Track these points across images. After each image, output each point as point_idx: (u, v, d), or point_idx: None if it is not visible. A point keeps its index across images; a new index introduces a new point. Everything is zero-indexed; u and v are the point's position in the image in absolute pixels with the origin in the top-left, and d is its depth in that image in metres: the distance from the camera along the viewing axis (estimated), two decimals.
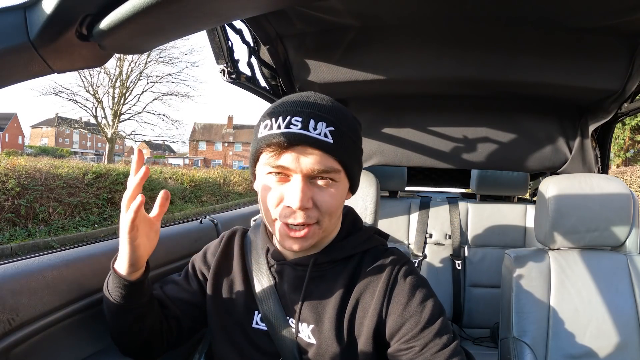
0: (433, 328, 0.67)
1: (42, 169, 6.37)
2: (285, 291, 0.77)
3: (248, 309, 0.79)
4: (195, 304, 0.85)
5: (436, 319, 0.68)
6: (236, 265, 0.84)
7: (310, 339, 0.73)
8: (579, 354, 1.15)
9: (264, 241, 0.82)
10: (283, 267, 0.77)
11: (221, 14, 0.39)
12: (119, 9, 0.38)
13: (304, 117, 0.64)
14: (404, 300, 0.70)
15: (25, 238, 5.68)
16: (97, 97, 17.65)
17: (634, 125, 12.25)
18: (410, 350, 0.67)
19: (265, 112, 0.70)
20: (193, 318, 0.86)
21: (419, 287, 0.71)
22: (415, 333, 0.67)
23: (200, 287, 0.86)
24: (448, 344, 0.67)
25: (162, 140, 22.49)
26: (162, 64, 18.79)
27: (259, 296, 0.78)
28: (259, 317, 0.78)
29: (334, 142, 0.65)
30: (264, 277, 0.79)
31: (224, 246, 0.87)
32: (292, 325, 0.75)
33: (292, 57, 1.39)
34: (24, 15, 0.40)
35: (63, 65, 0.43)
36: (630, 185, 7.63)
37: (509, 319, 1.20)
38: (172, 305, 0.84)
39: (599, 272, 1.21)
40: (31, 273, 0.75)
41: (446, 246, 2.12)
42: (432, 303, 0.70)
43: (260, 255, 0.81)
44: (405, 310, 0.69)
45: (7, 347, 0.66)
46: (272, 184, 0.68)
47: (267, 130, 0.66)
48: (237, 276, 0.83)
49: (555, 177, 1.27)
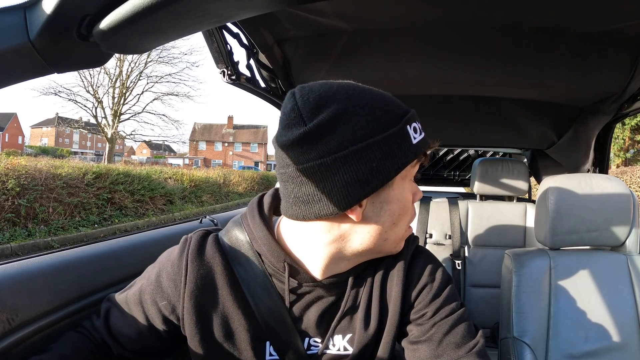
0: (443, 296, 0.70)
1: (42, 169, 6.36)
2: (308, 311, 0.68)
3: (257, 342, 0.67)
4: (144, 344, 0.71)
5: (445, 287, 0.71)
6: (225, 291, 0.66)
7: (347, 350, 0.69)
8: (579, 354, 1.15)
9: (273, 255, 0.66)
10: (313, 288, 0.67)
11: (221, 14, 0.39)
12: (118, 9, 0.38)
13: (417, 120, 0.61)
14: (418, 273, 0.72)
15: (25, 238, 5.68)
16: (97, 97, 17.65)
17: (634, 125, 12.25)
18: (423, 317, 0.69)
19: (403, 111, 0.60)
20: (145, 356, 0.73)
21: (428, 260, 0.74)
22: (427, 301, 0.69)
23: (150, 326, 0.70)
24: (457, 309, 0.69)
25: (162, 140, 22.49)
26: (162, 64, 18.84)
27: (270, 324, 0.66)
28: (271, 348, 0.68)
29: None
30: (274, 301, 0.66)
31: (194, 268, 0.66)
32: (314, 344, 0.69)
33: (290, 60, 1.38)
34: (24, 15, 0.40)
35: (63, 65, 0.43)
36: (630, 185, 7.63)
37: (509, 319, 1.20)
38: (116, 345, 0.71)
39: (599, 272, 1.21)
40: (31, 273, 0.75)
41: (446, 246, 2.12)
42: (441, 273, 0.73)
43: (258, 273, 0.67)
44: (419, 283, 0.71)
45: (7, 347, 0.66)
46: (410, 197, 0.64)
47: (419, 135, 0.59)
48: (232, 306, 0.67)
49: (555, 177, 1.27)
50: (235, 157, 45.04)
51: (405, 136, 0.57)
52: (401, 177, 0.60)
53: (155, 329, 0.70)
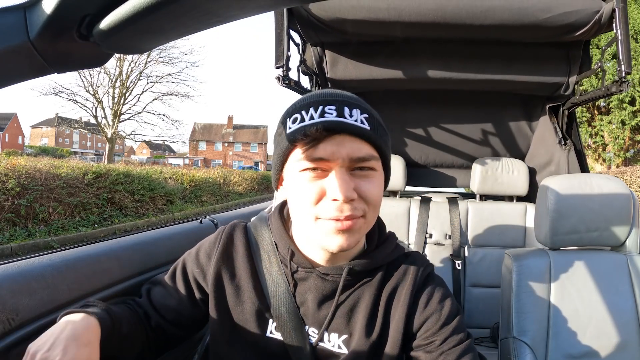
0: (451, 325, 0.70)
1: (42, 169, 6.36)
2: (306, 299, 0.73)
3: (261, 317, 0.74)
4: (182, 312, 0.80)
5: (454, 317, 0.72)
6: (242, 267, 0.77)
7: (340, 349, 0.71)
8: (579, 353, 1.15)
9: (283, 243, 0.75)
10: (309, 274, 0.73)
11: (221, 15, 0.39)
12: (118, 9, 0.37)
13: (337, 105, 0.62)
14: (425, 299, 0.73)
15: (25, 238, 5.68)
16: (97, 97, 17.64)
17: (634, 125, 12.25)
18: (431, 344, 0.70)
19: (289, 109, 0.67)
20: (180, 326, 0.81)
21: (438, 288, 0.75)
22: (436, 329, 0.70)
23: (189, 292, 0.81)
24: (464, 340, 0.70)
25: (162, 140, 22.48)
26: (162, 64, 18.81)
27: (274, 304, 0.73)
28: (273, 326, 0.74)
29: (371, 129, 0.63)
30: (280, 283, 0.74)
31: (223, 245, 0.79)
32: (312, 334, 0.72)
33: (329, 61, 1.84)
34: (24, 15, 0.40)
35: (63, 65, 0.43)
36: (630, 185, 7.63)
37: (509, 319, 1.20)
38: (157, 315, 0.79)
39: (599, 272, 1.21)
40: (31, 273, 0.75)
41: (446, 246, 2.12)
42: (451, 302, 0.73)
43: (272, 257, 0.76)
44: (426, 309, 0.72)
45: (7, 347, 0.66)
46: (309, 181, 0.63)
47: (298, 124, 0.63)
48: (245, 280, 0.76)
49: (555, 177, 1.27)
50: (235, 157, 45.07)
51: (285, 127, 0.66)
52: (294, 161, 0.65)
53: (192, 296, 0.80)
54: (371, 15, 1.53)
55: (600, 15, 1.52)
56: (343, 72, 1.86)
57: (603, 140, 12.97)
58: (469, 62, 1.78)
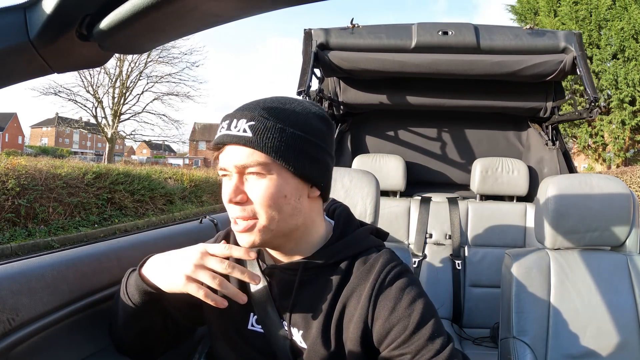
0: (424, 332, 0.64)
1: (42, 169, 6.35)
2: (276, 294, 0.76)
3: (243, 310, 0.79)
4: (192, 303, 0.82)
5: (427, 321, 0.65)
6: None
7: (301, 344, 0.73)
8: (579, 353, 1.15)
9: None
10: (273, 270, 0.77)
11: (220, 15, 0.39)
12: (118, 9, 0.37)
13: (230, 119, 0.68)
14: (391, 304, 0.67)
15: (25, 238, 5.68)
16: (97, 97, 17.61)
17: (634, 125, 12.24)
18: (402, 357, 0.65)
19: None
20: (190, 317, 0.84)
21: (407, 289, 0.68)
22: (405, 338, 0.64)
23: None
24: (442, 349, 0.64)
25: (162, 140, 22.46)
26: (162, 64, 18.70)
27: (254, 298, 0.77)
28: (254, 319, 0.78)
29: (253, 135, 0.65)
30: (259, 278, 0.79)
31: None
32: (286, 327, 0.75)
33: (342, 88, 2.32)
34: (24, 15, 0.40)
35: (63, 65, 0.43)
36: (630, 185, 7.62)
37: (509, 319, 1.20)
38: (169, 305, 0.82)
39: (599, 272, 1.21)
40: (31, 273, 0.75)
41: (446, 246, 2.12)
42: (422, 305, 0.67)
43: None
44: (392, 315, 0.66)
45: (7, 347, 0.66)
46: (224, 184, 0.70)
47: (218, 132, 0.70)
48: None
49: (555, 177, 1.28)
50: None
51: None
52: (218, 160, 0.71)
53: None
54: (380, 65, 2.02)
55: (564, 65, 1.95)
56: (354, 97, 2.31)
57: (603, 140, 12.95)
58: (460, 93, 2.23)
